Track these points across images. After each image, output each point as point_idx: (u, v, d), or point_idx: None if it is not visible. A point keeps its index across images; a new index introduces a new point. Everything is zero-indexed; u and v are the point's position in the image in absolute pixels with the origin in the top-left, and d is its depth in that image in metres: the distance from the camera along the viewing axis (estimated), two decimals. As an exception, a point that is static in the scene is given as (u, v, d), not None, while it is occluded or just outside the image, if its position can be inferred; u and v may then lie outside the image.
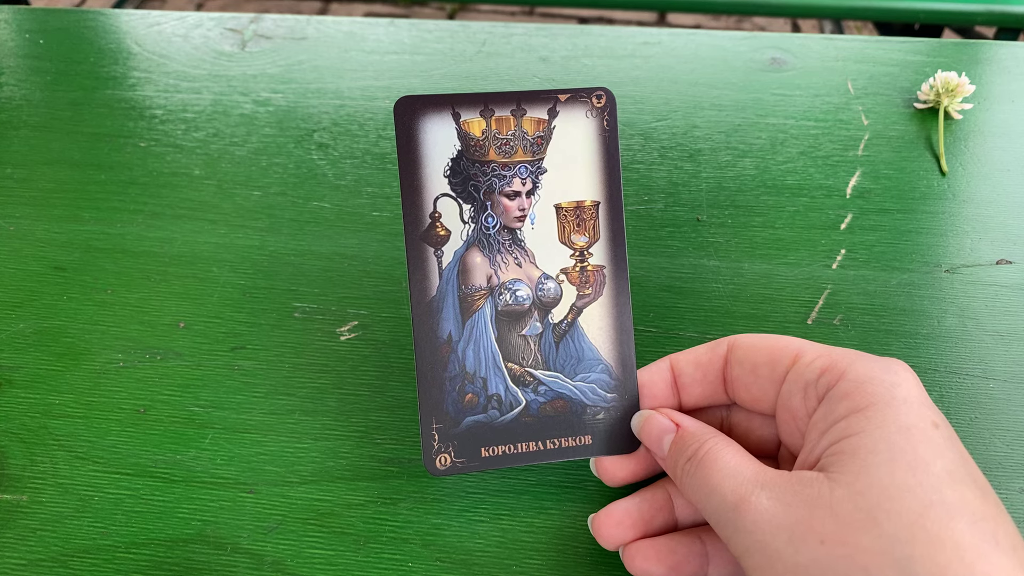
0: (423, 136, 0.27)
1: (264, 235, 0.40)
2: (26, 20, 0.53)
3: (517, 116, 0.27)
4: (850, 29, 1.64)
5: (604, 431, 0.28)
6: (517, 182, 0.27)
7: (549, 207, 0.28)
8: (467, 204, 0.27)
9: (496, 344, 0.27)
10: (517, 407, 0.27)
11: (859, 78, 0.48)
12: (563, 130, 0.28)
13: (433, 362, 0.27)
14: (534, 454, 0.28)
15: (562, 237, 0.28)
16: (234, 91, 0.47)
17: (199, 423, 0.32)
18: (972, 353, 0.34)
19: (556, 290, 0.28)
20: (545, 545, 0.29)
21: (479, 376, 0.27)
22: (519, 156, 0.27)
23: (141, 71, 0.49)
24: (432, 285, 0.27)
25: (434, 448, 0.27)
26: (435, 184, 0.27)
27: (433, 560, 0.29)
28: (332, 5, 1.83)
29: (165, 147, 0.44)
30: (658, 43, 0.51)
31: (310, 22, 0.53)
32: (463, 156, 0.27)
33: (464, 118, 0.27)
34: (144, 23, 0.53)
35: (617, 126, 0.28)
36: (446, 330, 0.27)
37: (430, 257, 0.27)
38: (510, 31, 0.52)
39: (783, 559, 0.22)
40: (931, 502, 0.21)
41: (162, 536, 0.29)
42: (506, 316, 0.27)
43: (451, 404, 0.27)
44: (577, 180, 0.28)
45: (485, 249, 0.27)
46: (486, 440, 0.27)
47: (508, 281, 0.27)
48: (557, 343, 0.28)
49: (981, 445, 0.31)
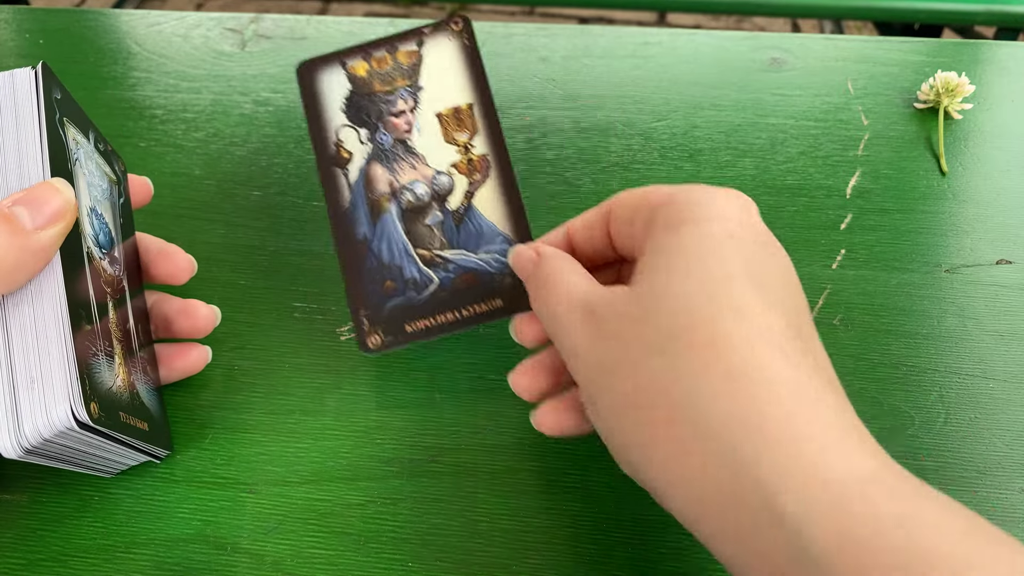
0: (320, 86, 0.33)
1: (264, 235, 0.40)
2: (26, 20, 0.53)
3: (392, 53, 0.34)
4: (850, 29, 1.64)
5: (512, 293, 0.31)
6: (400, 103, 0.33)
7: (432, 116, 0.33)
8: (363, 129, 0.33)
9: (405, 236, 0.32)
10: (431, 285, 0.32)
11: (859, 78, 0.48)
12: (431, 54, 0.33)
13: (354, 260, 0.32)
14: (453, 323, 0.32)
15: (447, 137, 0.33)
16: (234, 91, 0.47)
17: (199, 423, 0.32)
18: (972, 353, 0.34)
19: (449, 182, 0.32)
20: (545, 545, 0.29)
21: (394, 265, 0.32)
22: (399, 83, 0.33)
23: (141, 71, 0.49)
24: (344, 198, 0.32)
25: (365, 332, 0.31)
26: (335, 119, 0.33)
27: (433, 560, 0.29)
28: (332, 5, 1.83)
29: (165, 147, 0.44)
30: (658, 43, 0.51)
31: (310, 22, 0.53)
32: (354, 93, 0.33)
33: (350, 64, 0.34)
34: (144, 23, 0.53)
35: (476, 43, 0.33)
36: (361, 232, 0.32)
37: (339, 176, 0.33)
38: (510, 31, 0.52)
39: (583, 357, 0.25)
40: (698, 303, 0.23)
41: (162, 536, 0.29)
42: (411, 211, 0.32)
43: (374, 293, 0.32)
44: (450, 89, 0.33)
45: (384, 161, 0.33)
46: (408, 317, 0.32)
47: (407, 183, 0.32)
48: (458, 226, 0.32)
49: (981, 445, 0.31)
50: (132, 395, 0.28)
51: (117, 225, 0.31)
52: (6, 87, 0.26)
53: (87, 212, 0.28)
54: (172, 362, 0.32)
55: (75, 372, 0.24)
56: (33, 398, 0.23)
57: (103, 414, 0.25)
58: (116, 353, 0.28)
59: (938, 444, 0.32)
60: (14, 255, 0.23)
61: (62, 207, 0.25)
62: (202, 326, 0.33)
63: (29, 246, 0.24)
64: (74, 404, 0.23)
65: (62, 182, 0.25)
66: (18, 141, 0.25)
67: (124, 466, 0.30)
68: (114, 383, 0.27)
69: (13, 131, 0.25)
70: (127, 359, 0.29)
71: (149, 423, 0.29)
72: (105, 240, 0.29)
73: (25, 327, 0.24)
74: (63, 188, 0.25)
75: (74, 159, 0.28)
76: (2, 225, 0.23)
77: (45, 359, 0.24)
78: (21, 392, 0.23)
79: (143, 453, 0.29)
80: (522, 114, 0.46)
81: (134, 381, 0.29)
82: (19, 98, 0.26)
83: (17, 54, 0.50)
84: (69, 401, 0.23)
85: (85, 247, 0.27)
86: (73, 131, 0.28)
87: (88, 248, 0.27)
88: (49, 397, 0.23)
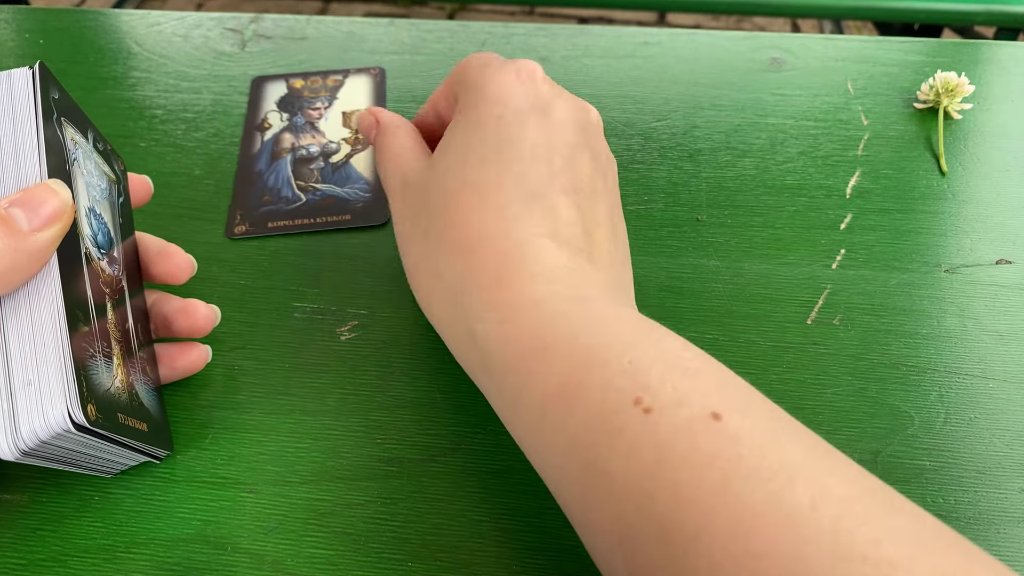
0: (264, 91, 0.47)
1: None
2: (26, 20, 0.53)
3: (323, 79, 0.48)
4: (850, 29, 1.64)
5: (359, 212, 0.40)
6: (318, 103, 0.46)
7: (338, 112, 0.46)
8: (285, 113, 0.46)
9: (291, 173, 0.42)
10: (298, 203, 0.41)
11: (859, 78, 0.48)
12: (351, 83, 0.48)
13: (244, 182, 0.42)
14: (307, 225, 0.40)
15: (345, 124, 0.45)
16: (234, 91, 0.47)
17: (199, 423, 0.32)
18: (971, 353, 0.34)
19: (336, 147, 0.44)
20: (545, 545, 0.29)
21: (276, 188, 0.42)
22: (322, 93, 0.47)
23: (141, 71, 0.49)
24: (255, 147, 0.44)
25: (236, 222, 0.40)
26: (267, 106, 0.46)
27: (433, 560, 0.29)
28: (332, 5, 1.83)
29: (165, 147, 0.44)
30: (658, 43, 0.51)
31: (310, 22, 0.53)
32: (288, 95, 0.47)
33: (291, 80, 0.48)
34: (144, 23, 0.53)
35: (386, 81, 0.48)
36: (258, 167, 0.43)
37: (258, 136, 0.44)
38: (510, 31, 0.52)
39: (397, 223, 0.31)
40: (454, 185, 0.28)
41: (162, 536, 0.29)
42: (301, 160, 0.43)
43: (253, 201, 0.41)
44: (357, 100, 0.46)
45: (292, 132, 0.44)
46: (273, 218, 0.40)
47: (305, 144, 0.44)
48: (334, 172, 0.42)
49: (981, 445, 0.31)
50: (131, 396, 0.28)
51: (116, 225, 0.31)
52: (3, 87, 0.26)
53: (85, 212, 0.28)
54: (172, 361, 0.32)
55: (72, 374, 0.24)
56: (30, 400, 0.23)
57: (101, 416, 0.25)
58: (115, 354, 0.27)
59: (938, 444, 0.32)
60: (10, 257, 0.23)
61: (59, 208, 0.25)
62: (202, 325, 0.33)
63: (25, 248, 0.24)
64: (71, 406, 0.23)
65: (59, 183, 0.25)
66: (15, 141, 0.25)
67: (123, 467, 0.30)
68: (112, 384, 0.27)
69: (10, 131, 0.25)
70: (126, 360, 0.28)
71: (148, 424, 0.29)
72: (104, 240, 0.29)
73: (22, 329, 0.24)
74: (60, 189, 0.25)
75: (72, 159, 0.27)
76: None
77: (42, 361, 0.24)
78: (18, 394, 0.23)
79: (142, 454, 0.29)
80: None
81: (133, 382, 0.29)
82: (16, 98, 0.26)
83: (17, 54, 0.50)
84: (66, 403, 0.23)
85: (83, 248, 0.27)
86: (71, 131, 0.28)
87: (86, 249, 0.27)
88: (46, 399, 0.23)
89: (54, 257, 0.25)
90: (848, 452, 0.22)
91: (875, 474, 0.22)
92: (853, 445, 0.32)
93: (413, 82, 0.48)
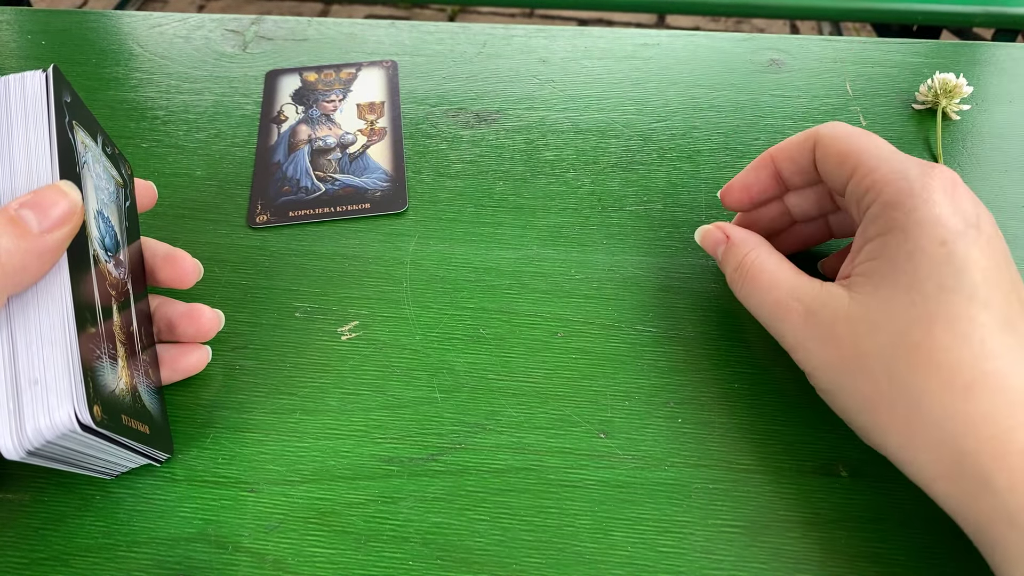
0: (278, 84, 0.48)
1: (265, 235, 0.40)
2: (28, 21, 0.53)
3: (337, 72, 0.49)
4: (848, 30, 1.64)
5: (378, 201, 0.41)
6: (333, 95, 0.47)
7: (353, 104, 0.47)
8: (301, 105, 0.47)
9: (309, 163, 0.43)
10: (317, 192, 0.42)
11: (857, 79, 0.48)
12: (364, 75, 0.49)
13: (263, 173, 0.43)
14: (327, 214, 0.41)
15: (360, 115, 0.46)
16: (236, 92, 0.47)
17: (200, 422, 0.32)
18: (970, 353, 0.34)
19: (352, 138, 0.45)
20: (545, 545, 0.29)
21: (295, 178, 0.42)
22: (336, 86, 0.48)
23: (143, 72, 0.49)
24: (272, 140, 0.45)
25: (257, 212, 0.41)
26: (283, 99, 0.47)
27: (433, 559, 0.29)
28: (333, 7, 1.83)
29: (167, 148, 0.44)
30: (657, 45, 0.51)
31: (311, 23, 0.53)
32: (302, 88, 0.48)
33: (305, 74, 0.49)
34: (146, 24, 0.53)
35: (398, 73, 0.49)
36: (276, 158, 0.44)
37: (273, 128, 0.45)
38: (510, 33, 0.52)
39: (815, 356, 0.29)
40: (917, 316, 0.26)
41: (163, 535, 0.29)
42: (319, 151, 0.44)
43: (272, 191, 0.42)
44: (372, 92, 0.48)
45: (308, 124, 0.45)
46: (294, 208, 0.41)
47: (322, 136, 0.45)
48: (351, 162, 0.43)
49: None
50: (134, 398, 0.28)
51: (123, 228, 0.31)
52: (17, 89, 0.26)
53: (94, 215, 0.28)
54: (173, 363, 0.33)
55: (79, 374, 0.24)
56: (36, 399, 0.23)
57: (106, 417, 0.25)
58: (119, 356, 0.28)
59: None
60: (20, 257, 0.23)
61: (69, 210, 0.25)
62: (206, 330, 0.33)
63: (35, 248, 0.24)
64: (77, 406, 0.24)
65: (69, 185, 0.25)
66: (28, 143, 0.25)
67: (124, 469, 0.30)
68: (117, 386, 0.27)
69: (23, 133, 0.26)
70: (130, 362, 0.29)
71: (150, 426, 0.29)
72: (111, 243, 0.29)
73: (30, 328, 0.24)
74: (70, 191, 0.25)
75: (82, 162, 0.28)
76: (9, 228, 0.24)
77: (49, 361, 0.24)
78: (24, 393, 0.24)
79: (144, 456, 0.29)
80: (521, 115, 0.46)
81: (136, 384, 0.29)
82: (29, 100, 0.26)
83: (19, 55, 0.50)
84: (72, 403, 0.23)
85: (91, 250, 0.27)
86: (82, 134, 0.28)
87: (94, 251, 0.27)
88: (52, 399, 0.23)
89: (64, 258, 0.25)
90: (847, 446, 0.22)
91: (880, 466, 0.22)
92: (855, 439, 0.32)
93: (414, 83, 0.48)
